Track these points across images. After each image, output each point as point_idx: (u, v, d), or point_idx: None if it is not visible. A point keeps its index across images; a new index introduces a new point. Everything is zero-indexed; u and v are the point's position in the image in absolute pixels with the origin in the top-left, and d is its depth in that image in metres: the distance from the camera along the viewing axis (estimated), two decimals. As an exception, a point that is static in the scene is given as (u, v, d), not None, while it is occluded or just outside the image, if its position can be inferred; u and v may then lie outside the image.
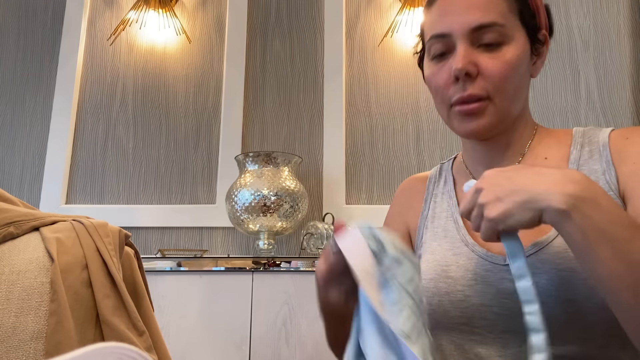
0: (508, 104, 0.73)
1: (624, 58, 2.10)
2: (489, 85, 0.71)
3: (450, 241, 0.79)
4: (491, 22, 0.70)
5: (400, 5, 2.13)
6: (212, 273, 1.67)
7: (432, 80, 0.76)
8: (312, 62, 2.18)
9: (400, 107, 2.13)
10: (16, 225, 0.74)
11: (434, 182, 0.89)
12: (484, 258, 0.73)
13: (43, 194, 2.08)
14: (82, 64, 2.22)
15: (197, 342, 1.60)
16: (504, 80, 0.71)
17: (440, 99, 0.75)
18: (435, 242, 0.81)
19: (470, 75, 0.70)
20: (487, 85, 0.71)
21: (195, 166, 2.12)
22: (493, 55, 0.71)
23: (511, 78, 0.71)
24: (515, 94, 0.73)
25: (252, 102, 2.15)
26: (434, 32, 0.74)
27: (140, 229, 2.05)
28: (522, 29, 0.73)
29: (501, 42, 0.71)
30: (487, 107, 0.71)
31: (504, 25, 0.71)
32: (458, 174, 0.87)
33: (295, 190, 1.84)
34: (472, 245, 0.75)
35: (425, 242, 0.83)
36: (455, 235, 0.79)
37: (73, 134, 2.16)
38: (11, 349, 0.64)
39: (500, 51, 0.71)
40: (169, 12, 2.19)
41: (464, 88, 0.71)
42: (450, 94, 0.73)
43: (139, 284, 0.81)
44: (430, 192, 0.88)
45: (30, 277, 0.68)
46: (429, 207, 0.86)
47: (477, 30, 0.71)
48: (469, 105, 0.71)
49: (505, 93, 0.71)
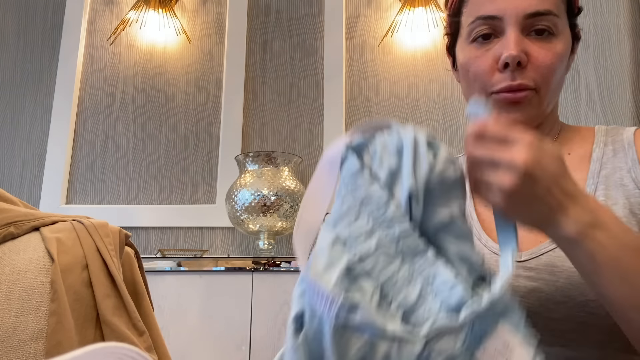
0: (550, 97, 0.71)
1: (624, 58, 2.10)
2: (538, 76, 0.68)
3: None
4: (548, 10, 0.67)
5: (400, 5, 2.13)
6: (212, 273, 1.67)
7: (472, 64, 0.71)
8: (312, 62, 2.18)
9: (400, 107, 2.13)
10: (16, 225, 0.74)
11: None
12: (497, 254, 0.70)
13: (43, 194, 2.08)
14: (82, 64, 2.22)
15: (197, 342, 1.60)
16: (552, 73, 0.68)
17: (480, 85, 0.71)
18: None
19: (521, 64, 0.67)
20: (535, 76, 0.68)
21: (195, 166, 2.12)
22: (544, 45, 0.68)
23: (558, 71, 0.69)
24: (557, 87, 0.72)
25: (252, 102, 2.15)
26: (482, 13, 0.69)
27: (140, 229, 2.05)
28: (567, 24, 0.72)
29: (553, 32, 0.69)
30: (532, 97, 0.68)
31: (558, 15, 0.69)
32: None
33: (295, 190, 1.84)
34: (486, 240, 0.73)
35: None
36: None
37: (73, 134, 2.16)
38: (11, 349, 0.64)
39: (551, 42, 0.68)
40: (169, 12, 2.19)
41: (513, 77, 0.67)
42: (493, 81, 0.69)
43: (139, 284, 0.81)
44: None
45: (31, 277, 0.68)
46: None
47: (532, 17, 0.67)
48: (517, 94, 0.68)
49: (550, 86, 0.69)
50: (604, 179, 0.71)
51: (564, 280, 0.63)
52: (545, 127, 0.76)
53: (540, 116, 0.72)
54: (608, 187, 0.70)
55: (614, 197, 0.69)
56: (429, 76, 2.15)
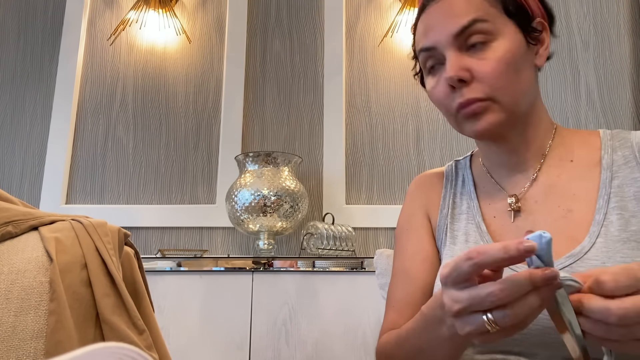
0: (513, 99, 0.70)
1: (624, 58, 2.10)
2: (486, 87, 0.69)
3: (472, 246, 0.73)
4: (471, 21, 0.69)
5: (400, 5, 2.13)
6: (212, 273, 1.67)
7: (433, 94, 0.75)
8: (312, 62, 2.18)
9: (400, 107, 2.13)
10: (15, 224, 0.74)
11: (450, 180, 0.86)
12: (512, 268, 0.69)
13: (43, 194, 2.08)
14: (82, 64, 2.22)
15: (197, 342, 1.60)
16: (499, 78, 0.69)
17: (445, 110, 0.74)
18: (456, 246, 0.78)
19: (465, 81, 0.69)
20: (484, 88, 0.69)
21: (195, 166, 2.12)
22: (482, 55, 0.69)
23: (506, 73, 0.69)
24: (517, 87, 0.70)
25: (252, 102, 2.15)
26: (421, 47, 0.74)
27: (140, 229, 2.05)
28: (509, 22, 0.71)
29: (488, 40, 0.69)
30: (490, 106, 0.70)
31: (485, 19, 0.69)
32: (478, 175, 0.84)
33: (295, 190, 1.84)
34: None
35: (445, 244, 0.80)
36: (477, 241, 0.76)
37: (73, 134, 2.15)
38: (11, 349, 0.64)
39: (489, 49, 0.69)
40: (169, 12, 2.19)
41: (462, 94, 0.70)
42: (451, 102, 0.72)
43: (139, 284, 0.81)
44: (448, 190, 0.85)
45: (30, 276, 0.68)
46: (448, 206, 0.83)
47: (460, 34, 0.69)
48: (471, 106, 0.70)
49: (505, 90, 0.69)
50: (617, 190, 0.69)
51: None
52: (529, 129, 0.75)
53: (511, 119, 0.71)
54: (624, 199, 0.68)
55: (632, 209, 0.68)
56: (429, 76, 2.15)
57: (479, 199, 0.81)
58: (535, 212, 0.73)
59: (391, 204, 2.06)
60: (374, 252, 1.81)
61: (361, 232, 2.03)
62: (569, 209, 0.71)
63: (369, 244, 2.03)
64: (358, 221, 2.02)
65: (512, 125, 0.73)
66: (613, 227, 0.67)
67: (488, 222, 0.77)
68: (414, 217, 0.86)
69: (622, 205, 0.68)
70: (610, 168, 0.71)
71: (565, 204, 0.72)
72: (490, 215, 0.77)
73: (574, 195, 0.72)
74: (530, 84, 0.73)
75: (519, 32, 0.72)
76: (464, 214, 0.80)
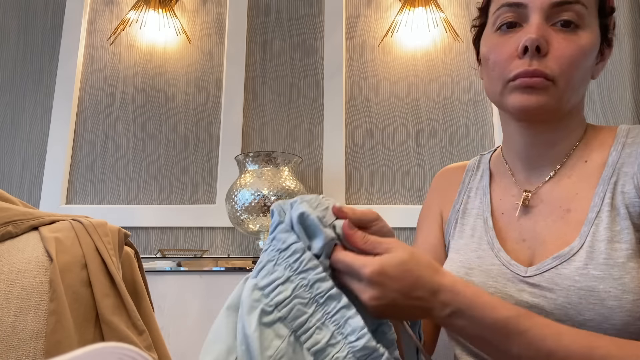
0: (570, 92, 0.68)
1: (624, 58, 2.10)
2: (557, 67, 0.65)
3: (476, 241, 0.76)
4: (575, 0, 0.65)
5: (400, 5, 2.13)
6: (212, 273, 1.67)
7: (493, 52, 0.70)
8: (312, 62, 2.18)
9: (400, 107, 2.13)
10: (15, 224, 0.74)
11: (470, 175, 0.85)
12: (506, 266, 0.70)
13: (43, 194, 2.08)
14: (82, 64, 2.22)
15: (197, 342, 1.60)
16: (573, 65, 0.66)
17: (499, 73, 0.70)
18: (462, 240, 0.78)
19: (540, 51, 0.65)
20: (554, 66, 0.66)
21: (195, 166, 2.12)
22: (568, 36, 0.66)
23: (580, 65, 0.66)
24: (579, 83, 0.68)
25: (252, 102, 2.15)
26: (508, 0, 0.69)
27: (140, 229, 2.05)
28: (597, 23, 0.69)
29: (578, 25, 0.66)
30: (549, 87, 0.66)
31: (587, 6, 0.66)
32: (496, 169, 0.82)
33: (295, 190, 1.84)
34: (498, 250, 0.72)
35: (452, 238, 0.80)
36: (482, 236, 0.76)
37: (73, 134, 2.15)
38: (11, 348, 0.64)
39: (575, 34, 0.66)
40: (169, 12, 2.19)
41: (531, 62, 0.66)
42: (511, 67, 0.68)
43: (139, 284, 0.81)
44: (465, 184, 0.84)
45: (30, 276, 0.68)
46: (462, 201, 0.83)
47: (558, 5, 0.66)
48: (532, 78, 0.66)
49: (570, 79, 0.66)
50: (613, 186, 0.67)
51: (563, 299, 0.63)
52: (564, 129, 0.73)
53: (559, 110, 0.69)
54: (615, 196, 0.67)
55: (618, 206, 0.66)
56: (429, 76, 2.15)
57: (492, 194, 0.80)
58: (538, 211, 0.73)
59: (391, 204, 2.06)
60: (374, 252, 1.81)
61: (361, 232, 2.03)
62: (568, 209, 0.70)
63: (369, 244, 2.02)
64: (358, 221, 2.02)
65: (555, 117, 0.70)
66: (602, 226, 0.65)
67: (496, 218, 0.77)
68: (429, 210, 0.88)
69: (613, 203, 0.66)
70: (615, 165, 0.69)
71: (566, 204, 0.70)
72: (499, 212, 0.77)
73: (576, 194, 0.70)
74: (584, 86, 0.71)
75: (599, 37, 0.70)
76: (475, 209, 0.80)
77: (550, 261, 0.66)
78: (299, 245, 0.53)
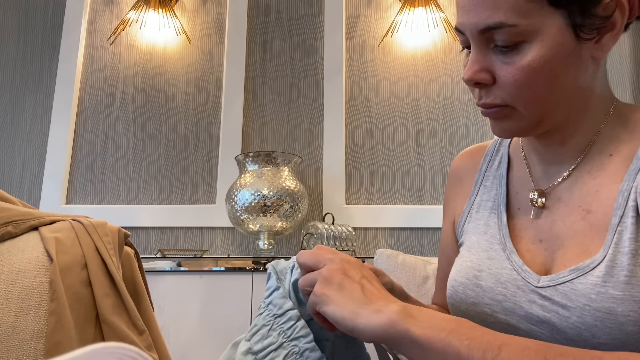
0: (537, 110, 0.61)
1: (624, 58, 2.10)
2: (506, 95, 0.60)
3: (488, 240, 0.69)
4: (499, 23, 0.57)
5: (400, 5, 2.13)
6: (212, 273, 1.67)
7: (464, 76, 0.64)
8: (312, 62, 2.18)
9: (400, 107, 2.13)
10: (15, 224, 0.74)
11: (488, 161, 0.78)
12: (517, 271, 0.63)
13: (43, 194, 2.08)
14: (82, 64, 2.22)
15: (197, 342, 1.60)
16: (521, 88, 0.59)
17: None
18: (474, 237, 0.72)
19: (482, 84, 0.61)
20: (503, 95, 0.60)
21: (195, 166, 2.12)
22: (508, 58, 0.58)
23: (532, 82, 0.58)
24: (547, 97, 0.60)
25: (252, 102, 2.15)
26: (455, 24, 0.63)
27: (140, 229, 2.05)
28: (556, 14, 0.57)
29: (519, 41, 0.57)
30: (510, 113, 0.61)
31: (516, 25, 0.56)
32: (515, 155, 0.75)
33: (295, 190, 1.84)
34: (510, 251, 0.66)
35: (466, 232, 0.74)
36: (495, 234, 0.69)
37: (73, 134, 2.16)
38: (11, 349, 0.64)
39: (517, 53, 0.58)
40: (169, 12, 2.19)
41: (479, 95, 0.62)
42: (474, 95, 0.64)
43: (139, 284, 0.81)
44: (482, 173, 0.77)
45: (30, 276, 0.68)
46: (477, 193, 0.76)
47: (486, 31, 0.58)
48: (489, 110, 0.62)
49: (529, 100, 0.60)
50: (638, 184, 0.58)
51: (576, 318, 0.56)
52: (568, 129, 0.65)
53: (540, 126, 0.63)
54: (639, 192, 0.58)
55: None
56: (429, 76, 2.15)
57: (510, 185, 0.73)
58: (556, 211, 0.65)
59: (391, 204, 2.06)
60: (374, 252, 1.81)
61: (361, 232, 2.03)
62: (588, 210, 0.61)
63: (369, 244, 2.03)
64: (358, 221, 2.02)
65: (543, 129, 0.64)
66: (626, 235, 0.56)
67: (511, 214, 0.70)
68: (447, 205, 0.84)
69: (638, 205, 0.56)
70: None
71: (586, 203, 0.62)
72: (515, 207, 0.71)
73: (597, 192, 0.61)
74: (572, 89, 0.61)
75: (567, 27, 0.58)
76: (490, 202, 0.73)
77: (567, 273, 0.58)
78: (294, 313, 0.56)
